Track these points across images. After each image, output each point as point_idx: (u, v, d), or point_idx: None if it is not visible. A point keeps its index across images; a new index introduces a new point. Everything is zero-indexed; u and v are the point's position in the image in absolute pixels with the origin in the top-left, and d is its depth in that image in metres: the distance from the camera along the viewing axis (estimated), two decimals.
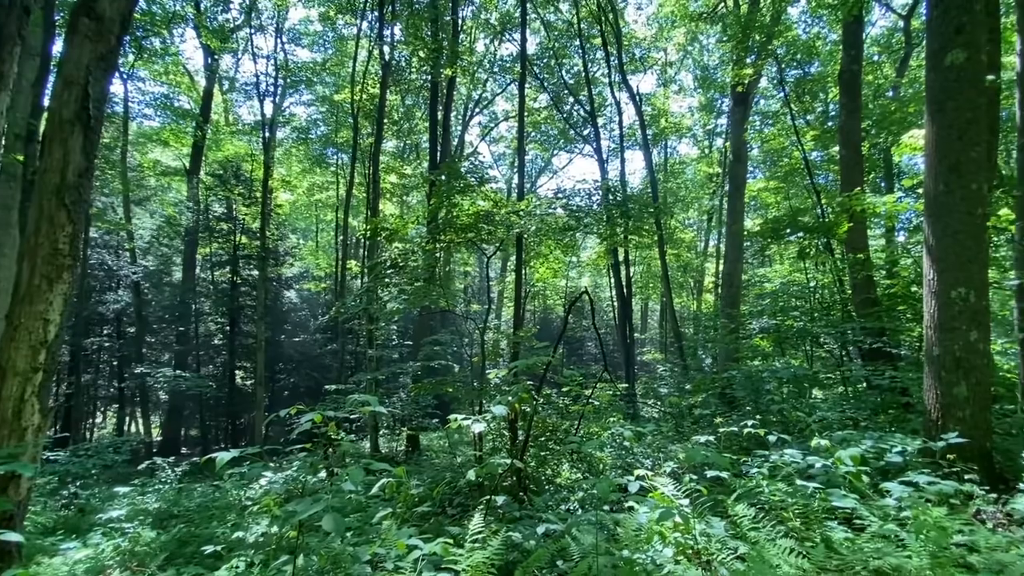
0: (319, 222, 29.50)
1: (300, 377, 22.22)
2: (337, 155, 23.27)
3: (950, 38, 3.74)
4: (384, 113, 14.08)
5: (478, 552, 2.19)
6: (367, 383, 11.15)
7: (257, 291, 17.70)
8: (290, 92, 20.74)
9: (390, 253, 7.83)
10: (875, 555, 2.52)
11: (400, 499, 3.34)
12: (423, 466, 8.64)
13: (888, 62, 16.05)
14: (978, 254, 3.77)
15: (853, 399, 6.31)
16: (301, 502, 1.90)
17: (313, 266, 25.43)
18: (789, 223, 8.56)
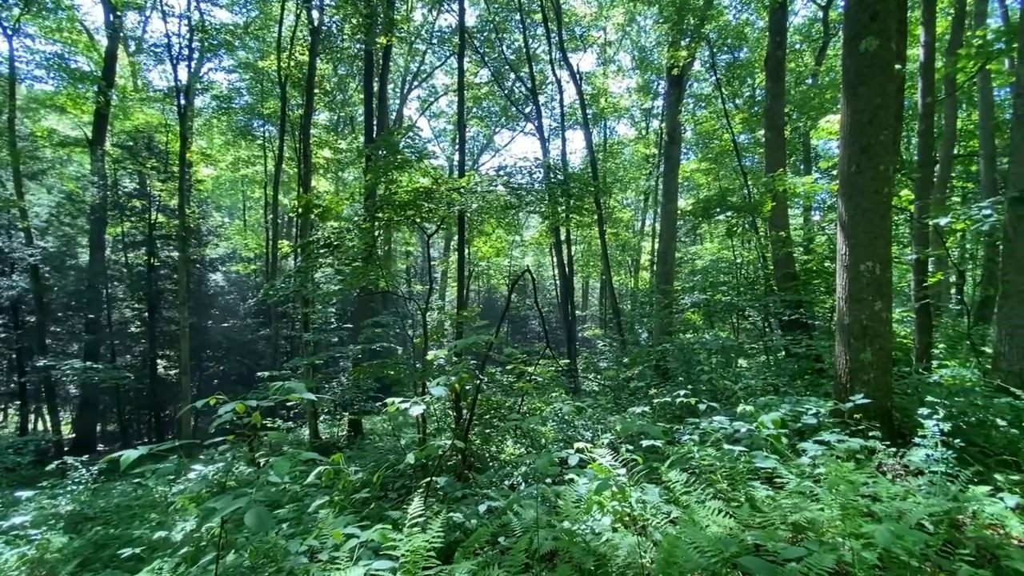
0: (247, 199, 27.64)
1: (230, 364, 21.05)
2: (264, 127, 21.75)
3: (865, 25, 3.96)
4: (314, 82, 13.26)
5: (418, 536, 2.15)
6: (304, 368, 10.70)
7: (178, 274, 16.39)
8: (208, 57, 19.01)
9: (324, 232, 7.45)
10: (793, 510, 2.73)
11: (338, 487, 3.23)
12: (366, 451, 8.48)
13: (808, 50, 17.01)
14: (884, 231, 4.09)
15: (774, 367, 6.79)
16: (222, 498, 1.76)
17: (241, 247, 23.92)
18: (718, 203, 8.96)
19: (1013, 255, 4.55)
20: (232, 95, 21.17)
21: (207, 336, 20.40)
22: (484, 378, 7.36)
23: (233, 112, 21.34)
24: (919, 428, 3.39)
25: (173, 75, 16.40)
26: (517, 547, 2.22)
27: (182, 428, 14.55)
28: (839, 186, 4.30)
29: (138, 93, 20.43)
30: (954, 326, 9.34)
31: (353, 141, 20.61)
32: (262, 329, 20.35)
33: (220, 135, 22.85)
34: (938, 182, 8.27)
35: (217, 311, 21.78)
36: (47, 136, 19.03)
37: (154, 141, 18.94)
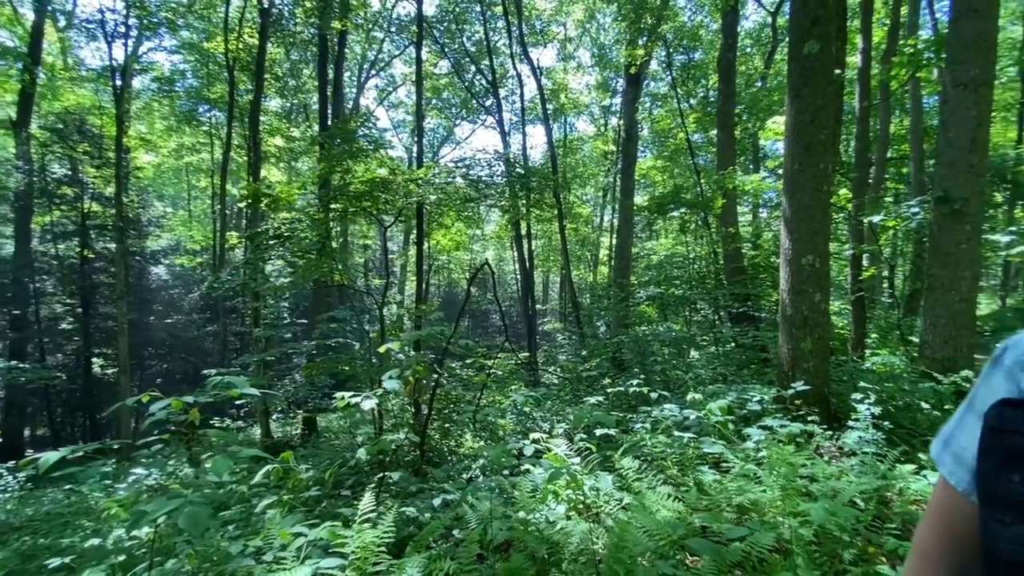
0: (192, 188, 26.20)
1: (175, 363, 20.00)
2: (211, 112, 20.62)
3: (807, 29, 4.15)
4: (264, 67, 12.68)
5: (368, 532, 2.10)
6: (255, 365, 10.29)
7: (115, 267, 15.37)
8: (148, 36, 17.83)
9: (274, 222, 7.15)
10: (737, 492, 2.84)
11: (287, 485, 3.12)
12: (321, 449, 8.27)
13: (758, 54, 17.69)
14: (824, 226, 4.31)
15: (723, 357, 7.07)
16: (155, 500, 1.66)
17: (186, 238, 22.69)
18: (672, 199, 9.21)
19: (938, 251, 4.90)
20: (175, 77, 19.95)
21: (149, 333, 19.29)
22: (443, 372, 7.31)
23: (176, 96, 20.12)
24: (853, 412, 3.60)
25: (108, 54, 15.30)
26: (470, 538, 2.21)
27: (121, 430, 13.73)
28: (783, 184, 4.50)
29: (68, 72, 18.94)
30: (885, 317, 9.99)
31: (307, 129, 19.91)
32: (209, 325, 19.43)
33: (162, 120, 21.52)
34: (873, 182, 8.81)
35: (160, 306, 20.62)
36: None
37: (87, 124, 17.64)
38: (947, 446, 0.69)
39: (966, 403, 0.68)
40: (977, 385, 0.67)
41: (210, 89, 19.27)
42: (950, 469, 0.67)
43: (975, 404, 0.66)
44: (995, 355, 0.66)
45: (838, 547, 2.40)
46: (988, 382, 0.65)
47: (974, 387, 0.68)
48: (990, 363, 0.66)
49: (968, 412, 0.67)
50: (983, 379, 0.66)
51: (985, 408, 0.62)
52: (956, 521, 0.67)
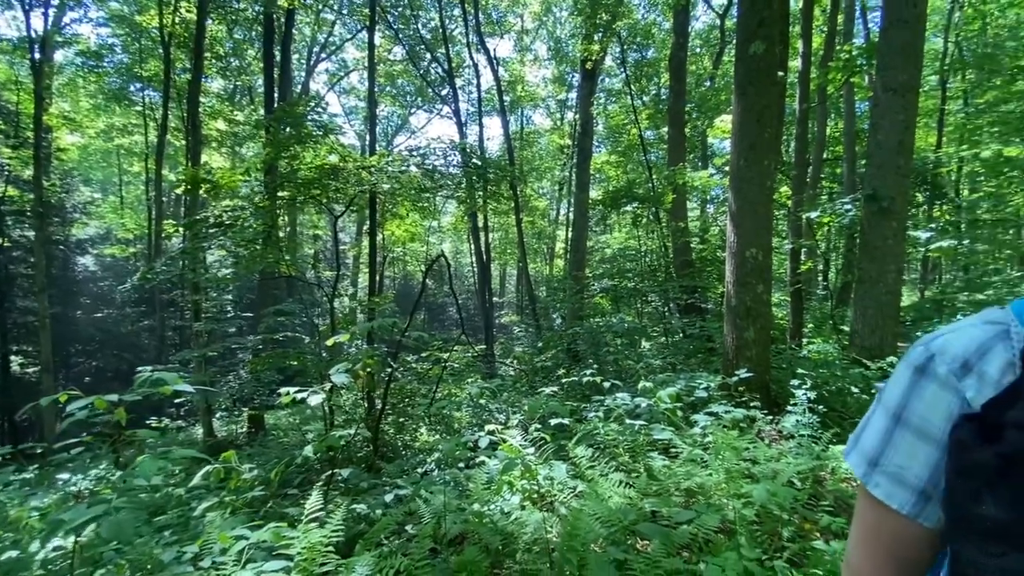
0: (124, 173, 24.36)
1: (106, 360, 18.68)
2: (145, 91, 19.21)
3: (753, 30, 4.30)
4: (204, 45, 11.92)
5: (315, 531, 2.02)
6: (195, 361, 9.75)
7: (35, 256, 14.11)
8: (71, 5, 16.35)
9: (215, 210, 6.76)
10: (685, 477, 2.94)
11: (229, 486, 2.96)
12: (269, 447, 7.96)
13: (707, 54, 18.27)
14: (767, 221, 4.51)
15: (672, 347, 7.31)
16: (74, 508, 1.52)
17: (118, 226, 21.15)
18: (626, 194, 9.41)
19: (867, 246, 5.23)
20: (103, 52, 18.41)
21: (76, 328, 17.91)
22: (397, 365, 7.17)
23: (104, 72, 18.59)
24: (791, 397, 3.80)
25: (26, 24, 13.92)
26: (423, 533, 2.17)
27: (44, 432, 12.68)
28: (730, 180, 4.66)
29: None
30: (820, 308, 10.64)
31: (252, 113, 18.94)
32: (145, 319, 18.24)
33: (88, 98, 19.86)
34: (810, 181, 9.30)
35: (88, 299, 19.17)
36: None
37: (1, 100, 16.04)
38: (876, 466, 0.62)
39: (889, 417, 0.62)
40: (900, 396, 0.61)
41: (143, 66, 17.94)
42: (887, 491, 0.61)
43: (909, 419, 0.60)
44: (917, 363, 0.60)
45: (777, 525, 2.53)
46: (919, 394, 0.59)
47: (893, 399, 0.62)
48: (913, 371, 0.60)
49: (900, 428, 0.60)
50: (910, 391, 0.60)
51: (927, 424, 0.57)
52: (899, 546, 0.62)
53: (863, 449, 0.65)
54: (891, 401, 0.62)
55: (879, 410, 0.64)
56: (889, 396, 0.63)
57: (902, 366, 0.63)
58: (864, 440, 0.65)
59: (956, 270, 14.05)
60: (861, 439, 0.66)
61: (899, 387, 0.62)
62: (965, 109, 14.85)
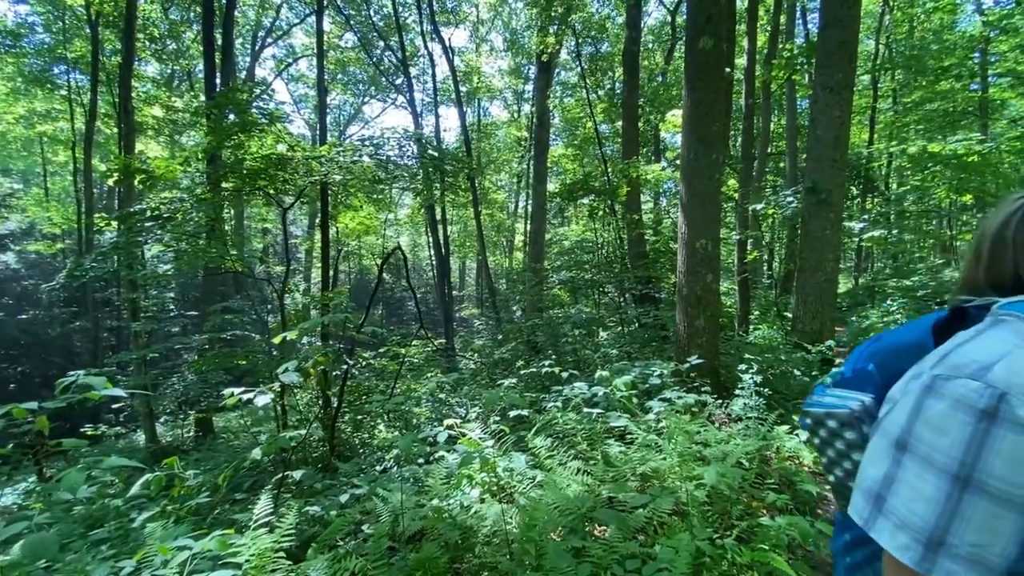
0: (48, 163, 22.52)
1: (33, 364, 17.31)
2: (71, 75, 17.78)
3: (702, 26, 4.40)
4: (135, 25, 11.13)
5: (264, 537, 1.94)
6: (134, 363, 9.18)
7: None
8: None
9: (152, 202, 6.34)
10: (641, 462, 3.01)
11: (172, 494, 2.80)
12: (218, 451, 7.61)
13: (660, 50, 18.68)
14: (715, 212, 4.66)
15: (628, 336, 7.48)
16: None
17: (43, 220, 19.57)
18: (582, 186, 9.51)
19: (808, 236, 5.51)
20: (21, 31, 16.90)
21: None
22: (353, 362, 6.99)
23: (24, 52, 17.07)
24: (739, 381, 3.97)
25: None
26: (379, 532, 2.12)
27: None
28: (681, 173, 4.79)
29: None
30: (765, 296, 11.16)
31: (192, 100, 17.87)
32: (76, 320, 17.01)
33: (6, 81, 18.19)
34: (756, 174, 9.71)
35: (10, 300, 17.67)
36: None
37: None
38: (941, 546, 0.47)
39: (950, 480, 0.47)
40: (963, 451, 0.47)
41: (68, 47, 16.58)
42: None
43: (984, 482, 0.46)
44: (983, 406, 0.47)
45: (727, 504, 2.63)
46: (995, 447, 0.46)
47: (950, 455, 0.48)
48: (979, 418, 0.47)
49: (972, 494, 0.47)
50: (980, 444, 0.46)
51: (1013, 486, 0.45)
52: None
53: (911, 523, 0.49)
54: (948, 458, 0.48)
55: (921, 466, 0.50)
56: (941, 450, 0.49)
57: (949, 409, 0.49)
58: (906, 509, 0.50)
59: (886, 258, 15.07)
60: (895, 507, 0.51)
61: (958, 439, 0.48)
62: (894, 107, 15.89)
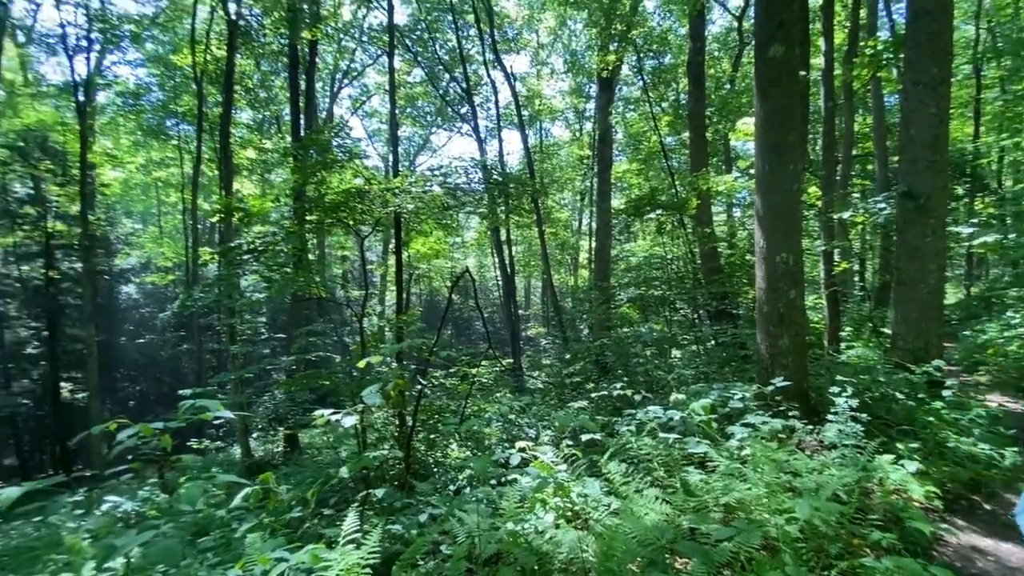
0: (162, 204, 25.53)
1: (149, 384, 19.41)
2: (180, 126, 20.19)
3: (772, 33, 4.24)
4: (233, 79, 12.48)
5: (352, 553, 2.04)
6: (232, 383, 10.02)
7: (83, 287, 14.89)
8: (111, 49, 17.36)
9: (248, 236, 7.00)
10: (724, 492, 2.85)
11: (268, 507, 3.02)
12: (304, 466, 8.09)
13: (726, 57, 18.10)
14: (796, 224, 4.40)
15: (704, 356, 7.16)
16: (126, 533, 1.58)
17: (157, 255, 22.08)
18: (648, 201, 9.33)
19: (905, 245, 5.05)
20: (141, 91, 19.48)
21: (120, 354, 18.69)
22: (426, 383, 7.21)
23: (142, 110, 19.63)
24: (831, 405, 3.67)
25: (70, 69, 14.87)
26: (458, 553, 2.17)
27: (92, 457, 13.21)
28: (755, 184, 4.58)
29: (29, 88, 18.36)
30: (858, 310, 10.25)
31: (280, 141, 19.62)
32: (184, 344, 18.91)
33: (128, 135, 20.95)
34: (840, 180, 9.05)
35: (131, 326, 20.01)
36: None
37: (49, 141, 17.07)
38: None
39: None
40: None
41: (178, 102, 18.87)
42: None
43: None
44: None
45: (824, 542, 2.42)
46: None
47: None
48: None
49: None
50: None
51: None
52: None
53: None
54: None
55: None
56: None
57: None
58: None
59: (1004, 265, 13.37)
60: None
61: None
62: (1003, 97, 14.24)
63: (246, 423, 9.78)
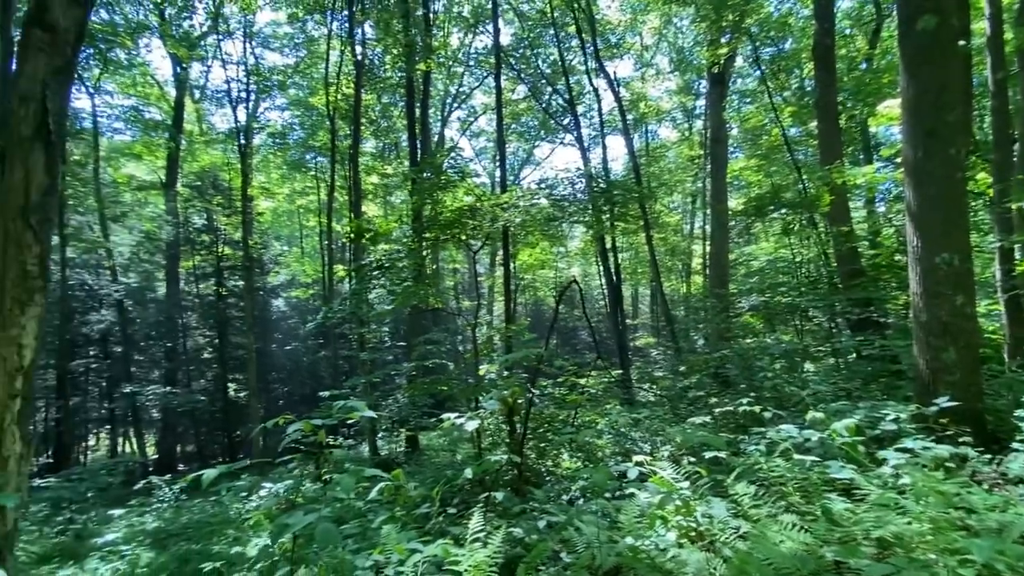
0: (302, 228, 29.12)
1: (294, 385, 22.05)
2: (316, 159, 22.95)
3: (920, 4, 3.73)
4: (360, 113, 13.90)
5: (479, 551, 2.16)
6: (362, 387, 11.07)
7: (244, 302, 17.47)
8: (263, 97, 20.39)
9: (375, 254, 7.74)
10: (876, 524, 2.53)
11: (399, 502, 3.30)
12: (424, 466, 8.62)
13: (860, 34, 16.13)
14: (959, 218, 3.79)
15: (844, 370, 6.38)
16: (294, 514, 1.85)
17: (299, 273, 25.15)
18: (772, 200, 8.60)
19: None
20: (286, 131, 22.55)
21: (272, 359, 21.52)
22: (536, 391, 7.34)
23: (287, 147, 22.70)
24: (1016, 432, 3.08)
25: (233, 117, 17.69)
26: (579, 563, 2.18)
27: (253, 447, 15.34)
28: (904, 174, 4.04)
29: (203, 136, 22.15)
30: None
31: (399, 165, 21.40)
32: (321, 350, 21.22)
33: (276, 169, 24.29)
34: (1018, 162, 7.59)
35: (280, 335, 22.96)
36: (127, 182, 20.95)
37: (218, 179, 20.41)
38: None
39: None
40: None
41: (314, 138, 21.46)
42: None
43: None
44: None
45: None
46: None
47: None
48: None
49: None
50: None
51: None
52: None
53: None
54: None
55: None
56: None
57: None
58: None
59: None
60: None
61: None
62: None
63: (374, 424, 10.70)
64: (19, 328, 3.10)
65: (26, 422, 3.19)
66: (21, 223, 3.10)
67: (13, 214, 3.10)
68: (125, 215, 21.11)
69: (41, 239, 3.15)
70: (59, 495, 8.50)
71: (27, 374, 3.15)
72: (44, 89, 3.16)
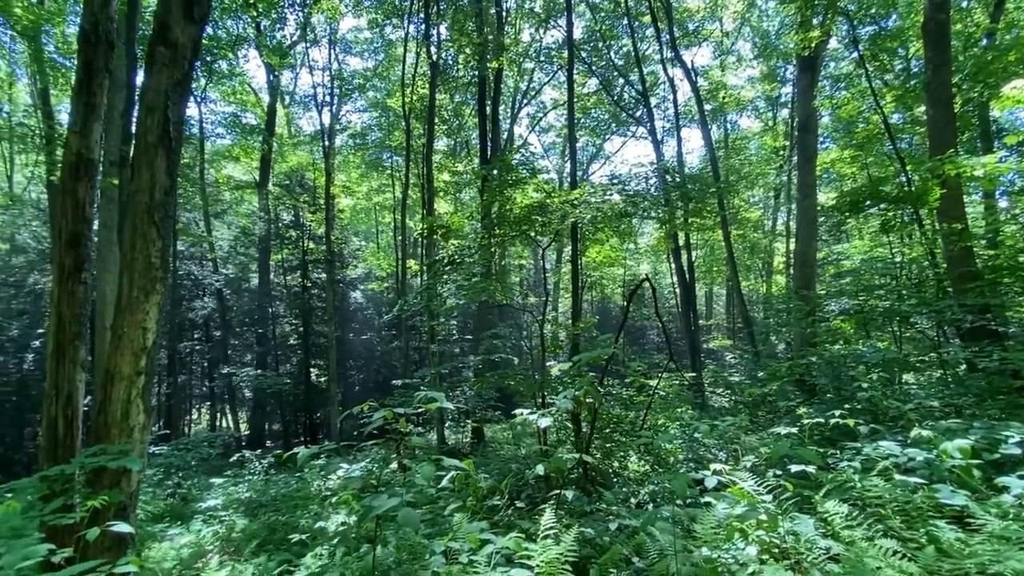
0: (379, 224, 30.58)
1: (368, 373, 23.24)
2: (391, 158, 23.98)
3: None
4: (434, 113, 14.31)
5: (552, 547, 2.17)
6: (431, 377, 11.46)
7: (326, 293, 18.66)
8: (345, 100, 21.56)
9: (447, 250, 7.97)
10: (995, 557, 2.26)
11: (469, 492, 3.38)
12: (489, 458, 8.77)
13: (979, 7, 14.28)
14: None
15: (954, 384, 5.71)
16: (377, 497, 1.95)
17: (375, 267, 26.43)
18: (869, 194, 7.84)
19: None
20: (365, 132, 23.74)
21: (349, 347, 22.81)
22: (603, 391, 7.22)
23: (366, 147, 23.88)
24: None
25: (318, 120, 18.90)
26: (654, 571, 2.13)
27: (331, 429, 16.38)
28: None
29: (292, 139, 23.84)
30: None
31: (469, 163, 21.83)
32: (394, 341, 22.21)
33: (356, 168, 25.63)
34: None
35: (357, 325, 24.27)
36: (226, 181, 23.03)
37: (305, 178, 21.88)
38: None
39: None
40: None
41: (390, 138, 22.41)
42: None
43: None
44: None
45: None
46: None
47: None
48: None
49: None
50: None
51: None
52: None
53: None
54: None
55: None
56: None
57: None
58: None
59: None
60: None
61: None
62: None
63: (443, 414, 11.04)
64: (144, 313, 3.51)
65: (148, 396, 3.61)
66: (147, 219, 3.49)
67: (140, 212, 3.50)
68: (224, 212, 23.27)
69: (163, 234, 3.53)
70: (169, 462, 9.54)
71: (149, 354, 3.56)
72: (166, 100, 3.54)
